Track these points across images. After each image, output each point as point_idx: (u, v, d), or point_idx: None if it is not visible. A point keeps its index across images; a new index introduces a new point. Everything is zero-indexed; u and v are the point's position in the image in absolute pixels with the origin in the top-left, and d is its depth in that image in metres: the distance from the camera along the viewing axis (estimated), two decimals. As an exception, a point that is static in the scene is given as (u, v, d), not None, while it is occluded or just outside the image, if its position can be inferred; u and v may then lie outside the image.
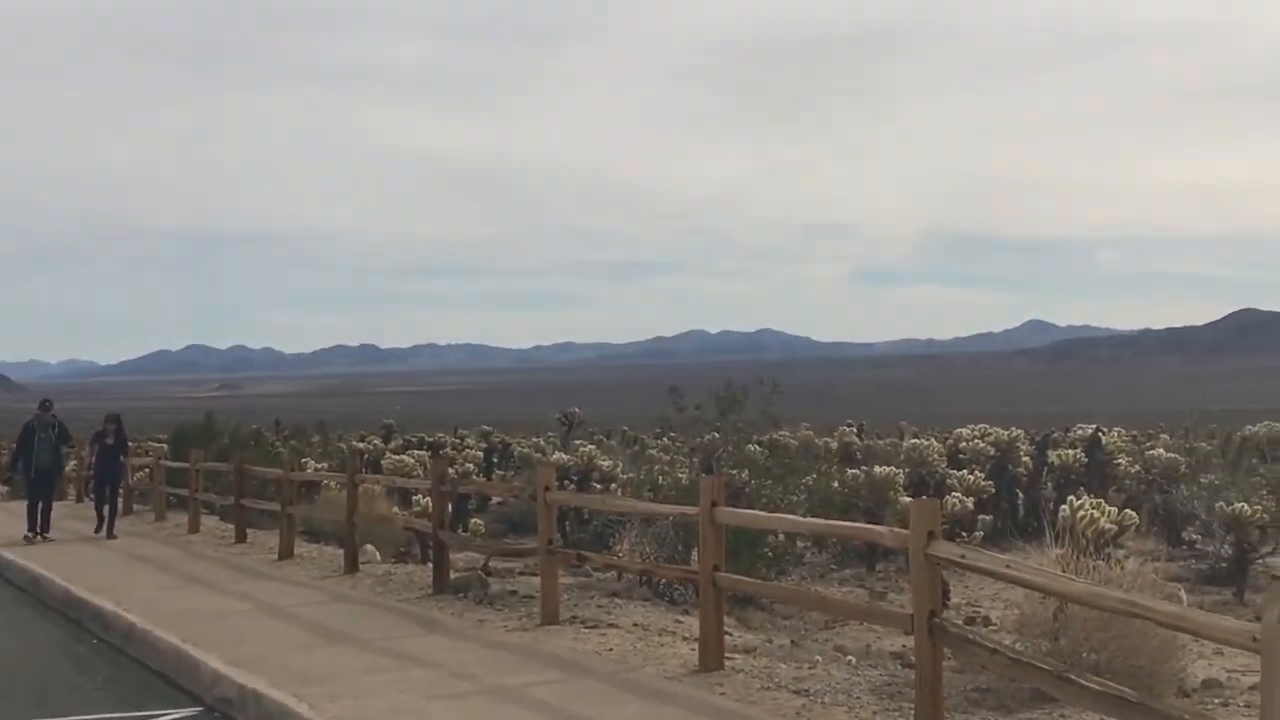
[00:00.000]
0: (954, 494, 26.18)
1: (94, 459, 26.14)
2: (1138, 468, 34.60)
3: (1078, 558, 11.18)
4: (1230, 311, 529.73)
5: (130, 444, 29.03)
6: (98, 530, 24.82)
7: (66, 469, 30.55)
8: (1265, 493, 25.20)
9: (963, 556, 8.63)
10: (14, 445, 26.22)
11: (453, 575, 16.61)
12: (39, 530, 24.23)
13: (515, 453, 44.99)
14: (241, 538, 22.99)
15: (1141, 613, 7.16)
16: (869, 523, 20.17)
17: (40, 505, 24.40)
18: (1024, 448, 32.36)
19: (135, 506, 29.85)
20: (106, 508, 25.06)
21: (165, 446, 37.19)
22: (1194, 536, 25.39)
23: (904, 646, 13.23)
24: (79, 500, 33.97)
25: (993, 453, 31.17)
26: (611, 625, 13.36)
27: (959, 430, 35.54)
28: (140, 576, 18.74)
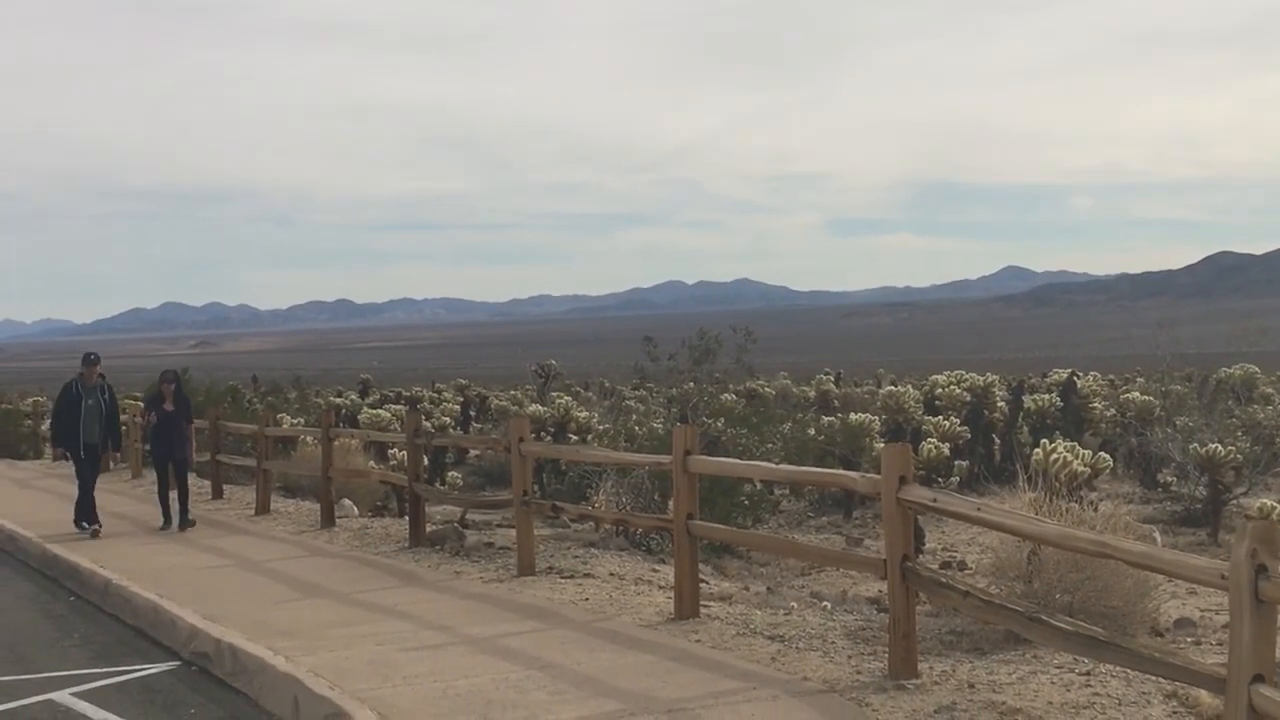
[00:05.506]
0: (930, 440, 26.27)
1: (151, 430, 19.78)
2: (1113, 411, 34.80)
3: (1050, 501, 11.24)
4: (1207, 255, 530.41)
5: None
6: (165, 525, 19.00)
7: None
8: (1240, 434, 25.36)
9: (934, 500, 8.65)
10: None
11: (429, 528, 16.65)
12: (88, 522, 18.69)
13: (492, 406, 45.02)
14: (218, 494, 22.99)
15: (1111, 553, 7.20)
16: (844, 470, 20.24)
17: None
18: (999, 393, 32.45)
19: (111, 464, 29.65)
20: (173, 493, 19.22)
21: (141, 403, 37.03)
22: (1169, 479, 25.56)
23: (879, 592, 13.30)
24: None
25: (968, 399, 31.26)
26: (587, 575, 13.39)
27: (935, 377, 35.65)
28: (116, 532, 18.69)
